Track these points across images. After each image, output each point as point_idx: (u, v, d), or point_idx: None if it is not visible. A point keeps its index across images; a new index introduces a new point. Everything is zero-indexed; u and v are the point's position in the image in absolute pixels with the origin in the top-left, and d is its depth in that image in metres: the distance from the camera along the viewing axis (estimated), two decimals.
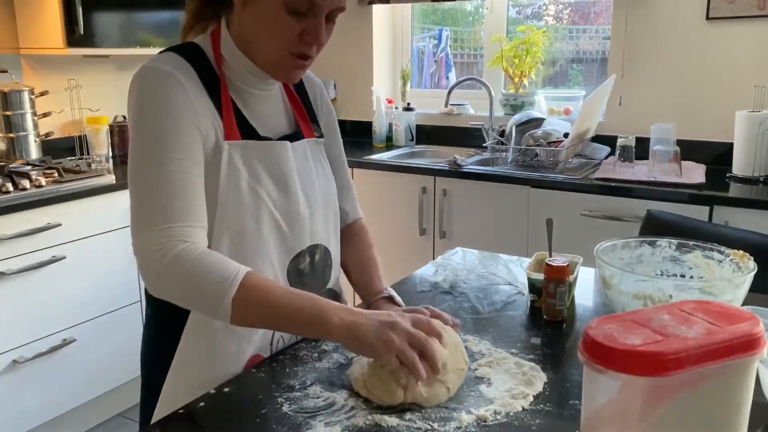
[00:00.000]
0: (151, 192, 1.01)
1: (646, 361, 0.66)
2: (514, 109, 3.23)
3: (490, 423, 0.93)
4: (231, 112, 1.10)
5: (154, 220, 1.00)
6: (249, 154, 1.11)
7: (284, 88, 1.25)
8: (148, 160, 1.02)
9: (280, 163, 1.15)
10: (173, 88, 1.04)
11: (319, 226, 1.22)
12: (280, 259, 1.16)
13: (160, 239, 0.99)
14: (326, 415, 0.96)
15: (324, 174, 1.26)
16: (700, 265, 1.27)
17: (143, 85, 1.05)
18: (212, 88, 1.09)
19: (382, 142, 3.48)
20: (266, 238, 1.12)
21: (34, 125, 2.78)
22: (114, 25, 2.75)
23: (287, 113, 1.24)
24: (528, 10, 3.43)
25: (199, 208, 1.04)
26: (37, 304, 2.36)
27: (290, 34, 1.05)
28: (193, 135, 1.04)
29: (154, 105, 1.03)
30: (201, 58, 1.11)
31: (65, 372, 2.46)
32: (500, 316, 1.31)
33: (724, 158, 2.64)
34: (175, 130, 1.02)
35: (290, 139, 1.19)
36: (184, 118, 1.03)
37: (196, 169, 1.04)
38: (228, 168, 1.08)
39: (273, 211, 1.13)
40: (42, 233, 2.34)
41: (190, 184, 1.03)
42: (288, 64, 1.09)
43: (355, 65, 3.63)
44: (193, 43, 1.14)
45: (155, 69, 1.05)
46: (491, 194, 2.72)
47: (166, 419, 0.98)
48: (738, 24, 2.67)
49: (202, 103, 1.07)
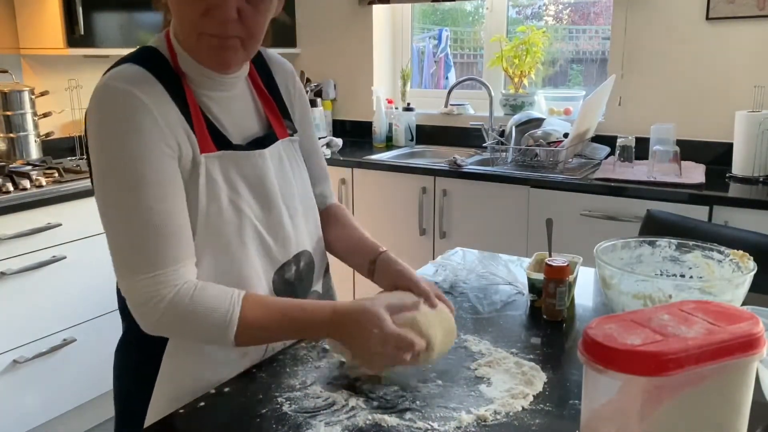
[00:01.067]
0: (133, 235, 0.97)
1: (646, 361, 0.66)
2: (514, 109, 3.23)
3: (490, 423, 0.93)
4: (201, 122, 1.04)
5: (141, 266, 0.97)
6: (227, 166, 1.06)
7: (252, 85, 1.18)
8: (122, 197, 0.97)
9: (259, 173, 1.10)
10: (135, 111, 0.96)
11: (302, 233, 1.19)
12: (266, 272, 1.13)
13: (151, 287, 0.96)
14: (326, 415, 0.96)
15: (300, 176, 1.22)
16: (699, 265, 1.27)
17: (102, 113, 0.97)
18: (179, 98, 1.03)
19: (382, 142, 3.48)
20: (250, 251, 1.09)
21: (35, 125, 2.78)
22: (114, 25, 2.75)
23: (258, 113, 1.17)
24: (528, 10, 3.43)
25: (186, 242, 1.00)
26: (37, 304, 2.36)
27: (195, 12, 0.98)
28: (165, 157, 0.98)
29: (118, 134, 0.96)
30: (162, 66, 1.04)
31: (65, 372, 2.46)
32: (500, 316, 1.31)
33: (724, 158, 2.64)
34: (144, 158, 0.96)
35: (263, 141, 1.13)
36: (152, 141, 0.97)
37: (174, 195, 0.99)
38: (207, 182, 1.03)
39: (255, 223, 1.09)
40: (42, 233, 2.33)
41: (174, 220, 0.98)
42: (206, 45, 1.01)
43: (355, 65, 3.63)
44: (151, 47, 1.06)
45: (114, 90, 0.97)
46: (491, 194, 2.72)
47: (166, 419, 0.98)
48: (738, 24, 2.67)
49: (172, 117, 1.00)
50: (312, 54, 3.74)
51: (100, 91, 0.98)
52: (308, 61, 3.76)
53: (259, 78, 1.19)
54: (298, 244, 1.18)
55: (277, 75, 1.24)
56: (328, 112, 3.65)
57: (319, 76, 3.73)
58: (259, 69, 1.21)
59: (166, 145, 0.99)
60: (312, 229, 1.24)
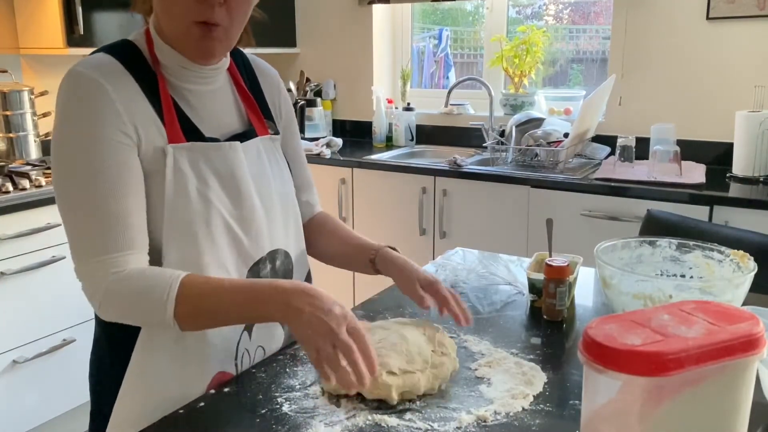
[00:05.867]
0: (83, 221, 0.99)
1: (646, 361, 0.66)
2: (514, 109, 3.23)
3: (490, 423, 0.93)
4: (173, 114, 1.04)
5: (88, 252, 0.99)
6: (196, 157, 1.05)
7: (234, 84, 1.18)
8: (74, 182, 0.98)
9: (230, 165, 1.09)
10: (95, 96, 0.98)
11: (278, 231, 1.17)
12: (238, 268, 1.11)
13: (95, 271, 0.98)
14: (326, 415, 0.96)
15: (280, 174, 1.20)
16: (700, 265, 1.27)
17: (64, 96, 1.00)
18: (151, 90, 1.03)
19: (382, 142, 3.48)
20: (219, 245, 1.07)
21: (34, 125, 2.78)
22: (114, 24, 2.75)
23: (238, 110, 1.17)
24: (528, 10, 3.43)
25: (135, 232, 1.00)
26: (37, 304, 2.36)
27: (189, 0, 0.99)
28: (121, 146, 0.99)
29: (77, 121, 0.98)
30: (136, 58, 1.05)
31: (65, 372, 2.46)
32: (500, 316, 1.31)
33: (724, 158, 2.64)
34: (98, 144, 0.97)
35: (242, 137, 1.13)
36: (110, 130, 0.98)
37: (126, 184, 0.99)
38: (174, 173, 1.02)
39: (225, 216, 1.07)
40: (42, 233, 2.33)
41: (123, 208, 0.98)
42: (195, 34, 1.01)
43: (355, 65, 3.63)
44: (128, 41, 1.08)
45: (79, 75, 0.99)
46: (491, 194, 2.72)
47: (166, 419, 0.98)
48: (738, 24, 2.67)
49: (137, 108, 1.01)
50: (312, 54, 3.74)
51: (66, 77, 1.01)
52: (308, 61, 3.76)
53: (242, 78, 1.20)
54: (272, 240, 1.16)
55: (262, 79, 1.24)
56: (328, 112, 3.65)
57: (319, 76, 3.73)
58: (243, 70, 1.21)
59: (123, 133, 0.99)
60: (291, 229, 1.22)
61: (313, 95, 3.61)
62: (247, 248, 1.11)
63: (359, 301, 1.40)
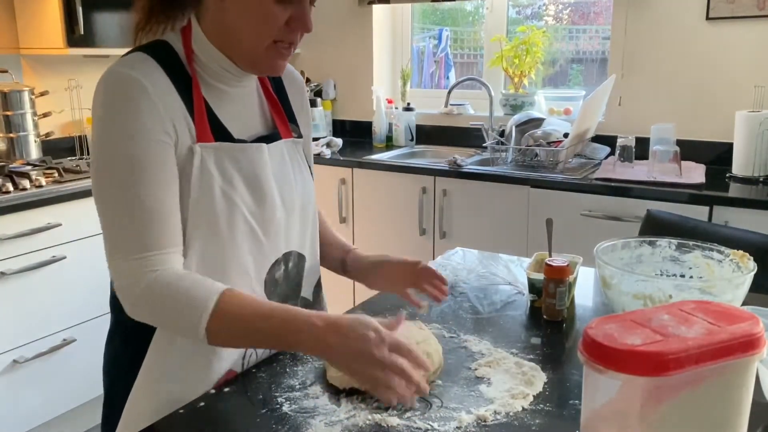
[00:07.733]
0: (122, 217, 0.98)
1: (646, 361, 0.66)
2: (514, 109, 3.23)
3: (490, 423, 0.93)
4: (203, 114, 1.06)
5: (127, 249, 0.98)
6: (222, 157, 1.06)
7: (261, 86, 1.20)
8: (116, 181, 0.98)
9: (255, 166, 1.10)
10: (135, 94, 0.98)
11: (294, 232, 1.18)
12: (257, 270, 1.12)
13: (134, 269, 0.98)
14: (326, 415, 0.96)
15: (302, 176, 1.21)
16: (700, 265, 1.27)
17: (104, 95, 1.00)
18: (184, 89, 1.05)
19: (382, 142, 3.48)
20: (240, 245, 1.08)
21: (34, 125, 2.78)
22: (114, 24, 2.75)
23: (263, 112, 1.19)
24: (528, 10, 3.43)
25: (174, 230, 1.01)
26: (37, 304, 2.36)
27: (278, 22, 1.02)
28: (161, 143, 1.00)
29: (119, 118, 0.98)
30: (171, 57, 1.06)
31: (65, 372, 2.46)
32: (500, 316, 1.31)
33: (724, 158, 2.64)
34: (140, 142, 0.98)
35: (266, 140, 1.14)
36: (152, 127, 0.99)
37: (166, 181, 1.00)
38: (200, 171, 1.03)
39: (247, 217, 1.08)
40: (42, 233, 2.34)
41: (163, 205, 0.99)
42: (273, 54, 1.06)
43: (355, 65, 3.63)
44: (162, 40, 1.08)
45: (120, 75, 1.00)
46: (491, 194, 2.72)
47: (165, 419, 0.98)
48: (738, 24, 2.67)
49: (173, 106, 1.02)
50: (312, 54, 3.74)
51: (106, 76, 1.01)
52: (308, 61, 3.76)
53: (269, 81, 1.21)
54: (288, 242, 1.17)
55: (288, 83, 1.26)
56: (328, 112, 3.65)
57: (319, 76, 3.73)
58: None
59: (163, 131, 1.00)
60: (308, 233, 1.23)
61: (313, 95, 3.61)
62: (266, 249, 1.13)
63: (359, 301, 1.40)
